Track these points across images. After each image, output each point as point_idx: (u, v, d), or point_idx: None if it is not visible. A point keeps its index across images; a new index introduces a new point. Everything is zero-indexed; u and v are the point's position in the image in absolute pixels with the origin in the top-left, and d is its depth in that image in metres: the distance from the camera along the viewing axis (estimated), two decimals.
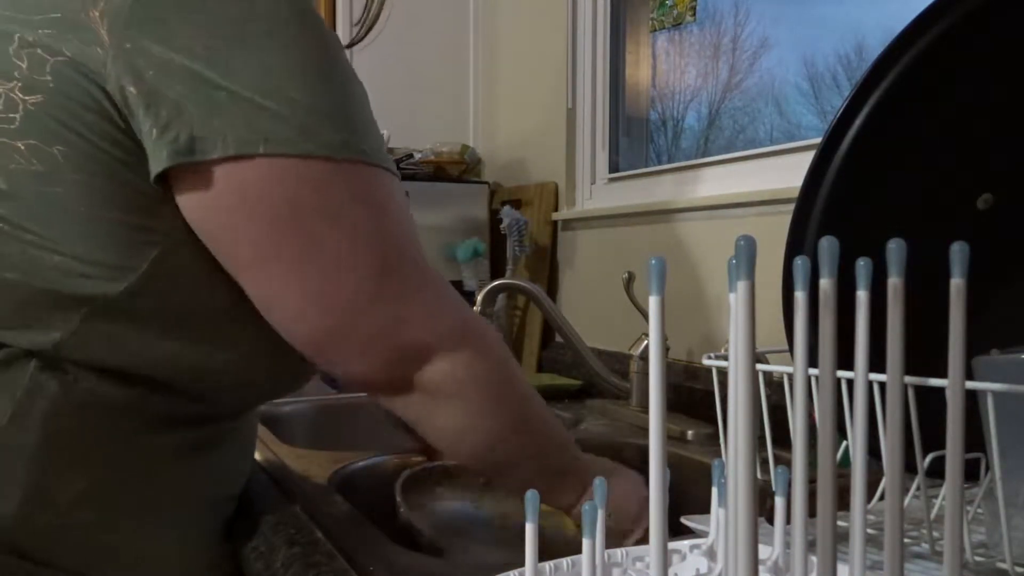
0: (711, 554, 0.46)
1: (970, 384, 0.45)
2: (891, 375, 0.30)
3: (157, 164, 0.55)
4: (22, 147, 0.56)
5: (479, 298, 1.21)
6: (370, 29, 0.77)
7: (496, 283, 1.25)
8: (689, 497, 0.92)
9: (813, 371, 0.30)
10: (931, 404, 0.44)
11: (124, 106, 0.55)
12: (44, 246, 0.57)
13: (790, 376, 0.49)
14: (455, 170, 1.80)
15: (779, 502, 0.39)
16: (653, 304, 0.31)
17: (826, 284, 0.29)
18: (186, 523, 0.68)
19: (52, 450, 0.58)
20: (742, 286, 0.29)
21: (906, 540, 0.51)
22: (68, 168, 0.56)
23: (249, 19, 0.56)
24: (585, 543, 0.37)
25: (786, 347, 0.59)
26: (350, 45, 0.74)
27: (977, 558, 0.49)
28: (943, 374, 0.32)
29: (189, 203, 0.57)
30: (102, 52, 0.54)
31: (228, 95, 0.54)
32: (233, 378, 0.66)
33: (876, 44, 1.09)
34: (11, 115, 0.56)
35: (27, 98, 0.56)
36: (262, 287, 0.59)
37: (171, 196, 0.58)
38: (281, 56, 0.56)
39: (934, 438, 0.41)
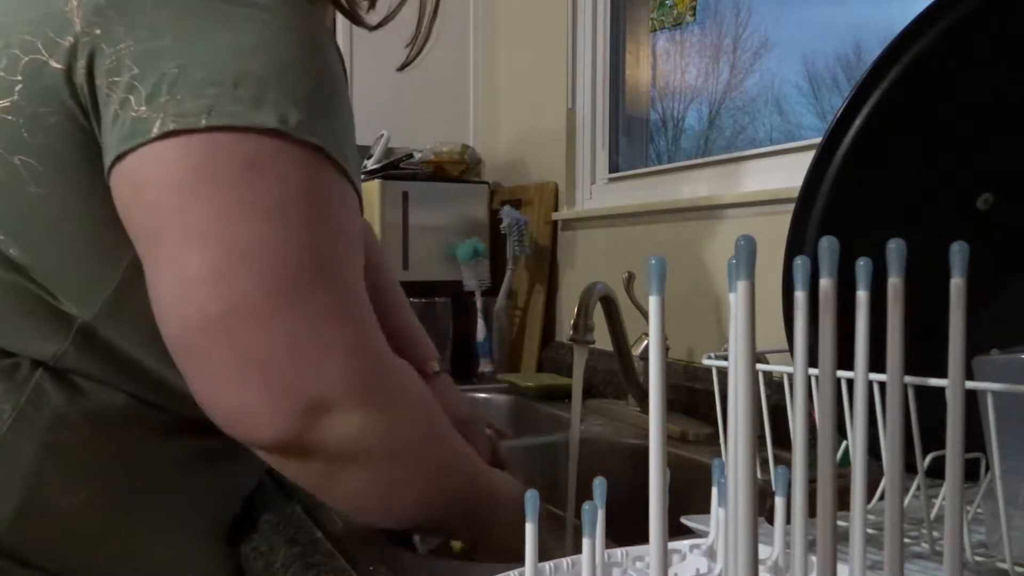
0: (711, 554, 0.46)
1: (970, 384, 0.45)
2: (891, 375, 0.30)
3: (108, 157, 0.52)
4: None
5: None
6: (420, 51, 0.75)
7: None
8: (689, 497, 0.92)
9: (813, 371, 0.30)
10: (931, 404, 0.44)
11: (87, 100, 0.53)
12: (23, 264, 0.56)
13: (790, 376, 0.49)
14: (455, 170, 1.80)
15: (779, 502, 0.39)
16: (653, 304, 0.31)
17: (826, 284, 0.29)
18: (192, 531, 0.67)
19: (52, 459, 0.58)
20: (742, 286, 0.29)
21: (906, 540, 0.50)
22: (31, 180, 0.54)
23: (230, 5, 0.53)
24: (585, 543, 0.37)
25: (786, 347, 0.59)
26: (401, 68, 0.73)
27: (977, 558, 0.49)
28: (943, 374, 0.32)
29: (119, 189, 0.53)
30: (72, 40, 0.53)
31: (180, 70, 0.50)
32: None
33: (876, 44, 1.09)
34: None
35: None
36: (151, 262, 0.52)
37: None
38: (255, 37, 0.52)
39: (934, 438, 0.41)
